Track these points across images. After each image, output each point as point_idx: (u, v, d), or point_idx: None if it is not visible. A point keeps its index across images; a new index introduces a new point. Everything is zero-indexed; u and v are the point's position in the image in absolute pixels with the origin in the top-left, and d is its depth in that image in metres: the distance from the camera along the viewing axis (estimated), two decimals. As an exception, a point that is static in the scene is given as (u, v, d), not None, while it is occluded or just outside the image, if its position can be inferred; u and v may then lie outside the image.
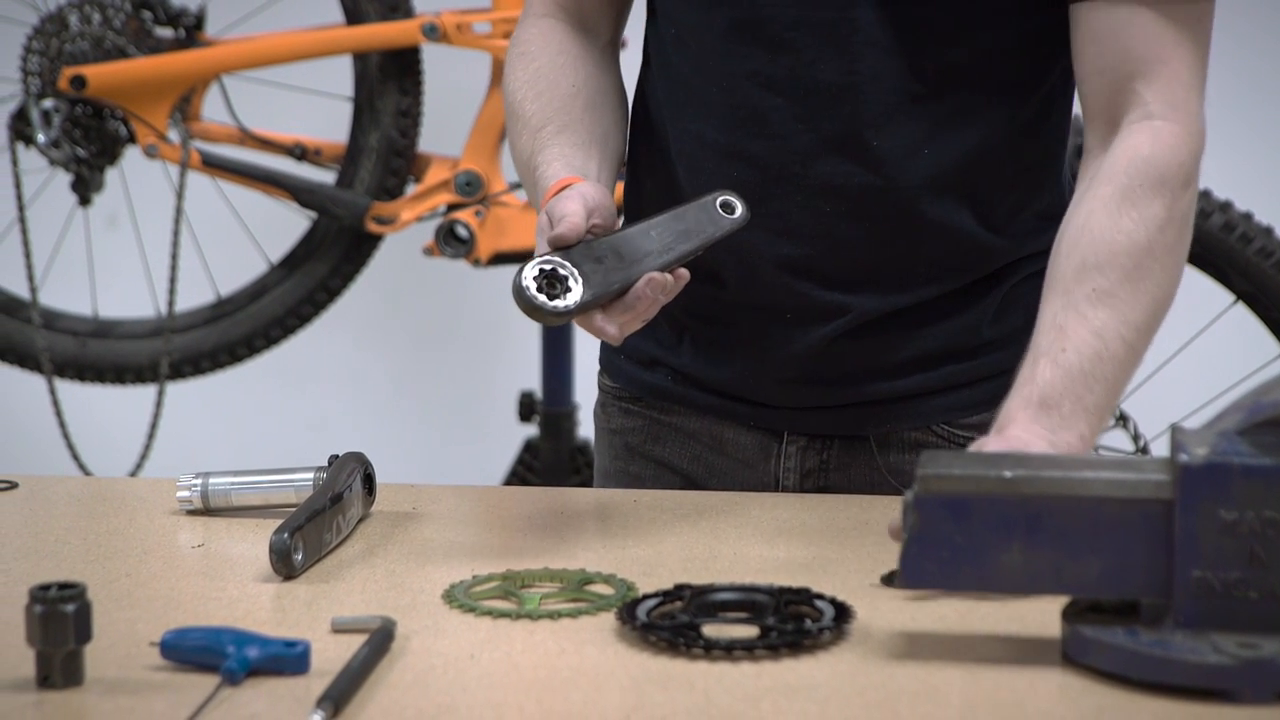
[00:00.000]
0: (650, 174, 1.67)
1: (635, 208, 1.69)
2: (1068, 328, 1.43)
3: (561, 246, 1.43)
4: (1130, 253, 1.44)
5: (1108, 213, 1.45)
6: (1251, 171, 3.31)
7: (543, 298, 1.40)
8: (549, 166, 1.56)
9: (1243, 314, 2.79)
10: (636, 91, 1.70)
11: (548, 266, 1.41)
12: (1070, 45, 1.53)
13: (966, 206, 1.56)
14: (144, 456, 3.11)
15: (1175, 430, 1.19)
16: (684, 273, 1.47)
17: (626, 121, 1.69)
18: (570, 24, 1.69)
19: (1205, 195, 2.75)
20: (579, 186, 1.49)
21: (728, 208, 1.53)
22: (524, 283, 1.40)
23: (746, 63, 1.56)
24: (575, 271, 1.42)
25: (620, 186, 1.71)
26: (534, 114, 1.61)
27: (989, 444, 1.39)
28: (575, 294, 1.41)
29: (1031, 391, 1.41)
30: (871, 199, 1.55)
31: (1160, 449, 2.82)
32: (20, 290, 3.11)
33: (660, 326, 1.68)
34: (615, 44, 1.72)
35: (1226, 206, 2.76)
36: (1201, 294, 2.80)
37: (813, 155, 1.55)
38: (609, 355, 1.76)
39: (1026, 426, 1.40)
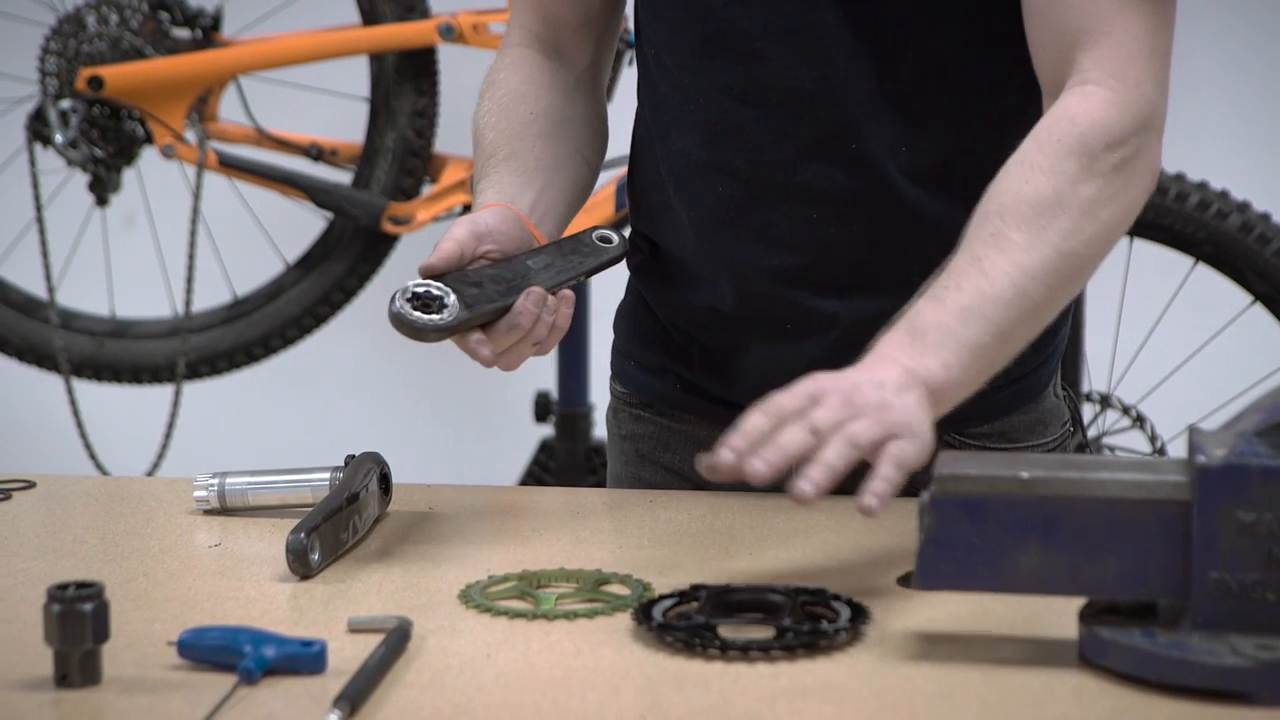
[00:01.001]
0: (646, 196, 1.67)
1: (639, 228, 1.69)
2: (956, 269, 1.41)
3: (431, 275, 1.46)
4: (1034, 202, 1.41)
5: (1020, 165, 1.43)
6: (1269, 172, 3.30)
7: (417, 314, 1.42)
8: (483, 195, 1.59)
9: (1261, 315, 2.78)
10: (634, 119, 1.71)
11: (420, 289, 1.44)
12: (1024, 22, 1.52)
13: (956, 200, 1.55)
14: (161, 456, 3.12)
15: (1193, 431, 1.19)
16: (569, 294, 1.49)
17: (599, 148, 1.71)
18: (544, 53, 1.70)
19: (1223, 195, 2.75)
20: (476, 214, 1.52)
21: (605, 240, 1.59)
22: (396, 306, 1.42)
23: (720, 76, 1.56)
24: (449, 291, 1.44)
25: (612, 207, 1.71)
26: (489, 142, 1.64)
27: (857, 368, 1.37)
28: (451, 310, 1.43)
29: (904, 322, 1.39)
30: (857, 201, 1.55)
31: (1178, 450, 2.81)
32: (38, 290, 3.12)
33: (669, 337, 1.68)
34: (596, 70, 1.73)
35: (1244, 207, 2.75)
36: (1219, 295, 2.80)
37: (794, 163, 1.55)
38: (620, 361, 1.76)
39: (886, 352, 1.37)
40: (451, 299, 1.43)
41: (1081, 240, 1.42)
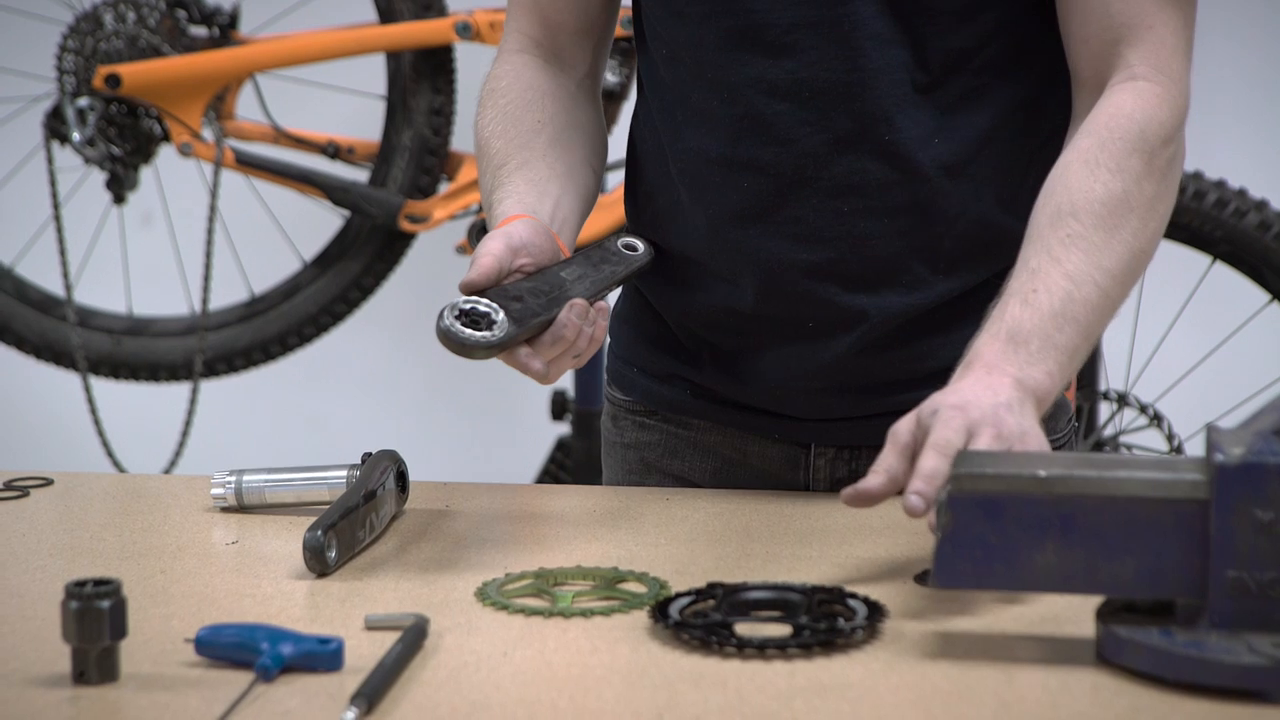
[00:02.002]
0: (650, 199, 1.66)
1: (640, 233, 1.67)
2: (1040, 270, 1.42)
3: (473, 291, 1.45)
4: (1106, 201, 1.43)
5: (1085, 164, 1.45)
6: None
7: (468, 331, 1.42)
8: (501, 205, 1.58)
9: (1278, 313, 2.78)
10: (631, 122, 1.70)
11: (467, 306, 1.43)
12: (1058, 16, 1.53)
13: (987, 189, 1.56)
14: (178, 454, 3.13)
15: (1210, 430, 1.19)
16: (604, 305, 1.49)
17: (602, 154, 1.70)
18: (544, 59, 1.70)
19: (1241, 194, 2.74)
20: (508, 227, 1.51)
21: (630, 247, 1.61)
22: (446, 322, 1.41)
23: (747, 70, 1.55)
24: (496, 307, 1.43)
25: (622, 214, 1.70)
26: (497, 151, 1.63)
27: (958, 380, 1.38)
28: (501, 326, 1.42)
29: (1000, 328, 1.40)
30: (889, 193, 1.55)
31: (1195, 448, 2.81)
32: (55, 288, 3.12)
33: (676, 340, 1.67)
34: (594, 76, 1.72)
35: (1262, 205, 2.74)
36: (1236, 293, 2.79)
37: (826, 156, 1.55)
38: (620, 368, 1.74)
39: (994, 362, 1.38)
40: (500, 315, 1.42)
41: (1146, 237, 1.46)
